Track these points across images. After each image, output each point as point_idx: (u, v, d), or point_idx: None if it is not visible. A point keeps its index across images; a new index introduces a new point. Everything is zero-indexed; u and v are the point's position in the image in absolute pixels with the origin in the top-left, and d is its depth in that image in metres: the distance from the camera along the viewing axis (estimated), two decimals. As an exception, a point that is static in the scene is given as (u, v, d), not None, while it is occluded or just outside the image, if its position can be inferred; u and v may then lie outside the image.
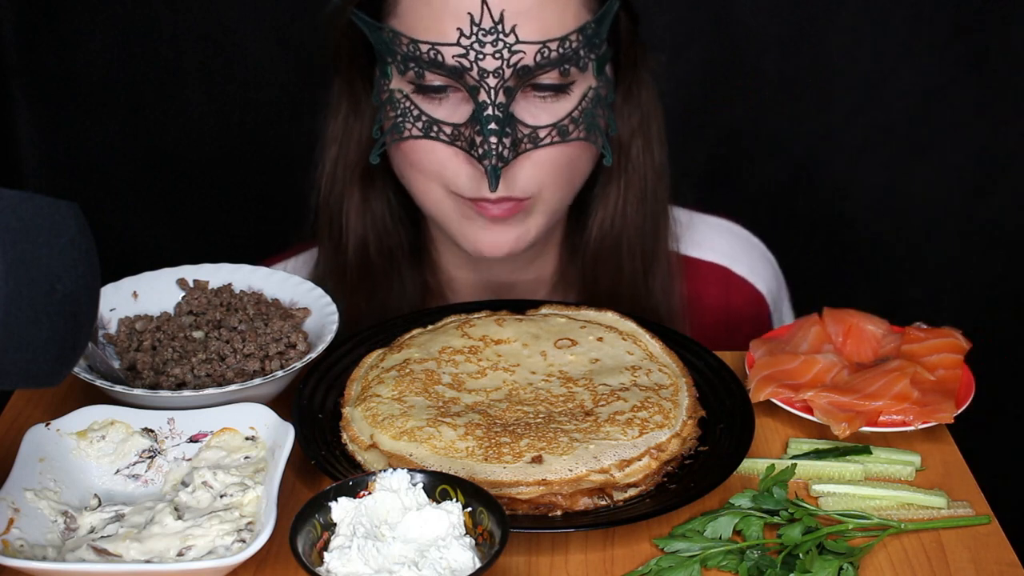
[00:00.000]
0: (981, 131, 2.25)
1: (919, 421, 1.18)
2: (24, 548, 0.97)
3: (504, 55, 1.29)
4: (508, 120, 1.30)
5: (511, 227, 1.38)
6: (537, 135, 1.32)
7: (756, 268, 1.62)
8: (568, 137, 1.34)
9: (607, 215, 1.47)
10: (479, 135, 1.30)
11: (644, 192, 1.47)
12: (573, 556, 1.04)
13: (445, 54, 1.29)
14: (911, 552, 1.05)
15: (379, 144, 1.37)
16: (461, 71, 1.29)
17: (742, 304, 1.60)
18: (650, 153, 1.46)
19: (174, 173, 2.34)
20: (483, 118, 1.29)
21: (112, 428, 1.10)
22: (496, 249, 1.39)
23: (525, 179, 1.35)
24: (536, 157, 1.34)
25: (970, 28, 2.19)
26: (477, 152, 1.30)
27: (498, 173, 1.29)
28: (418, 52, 1.30)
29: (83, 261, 0.91)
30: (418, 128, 1.34)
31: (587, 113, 1.35)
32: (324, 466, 1.09)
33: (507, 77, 1.30)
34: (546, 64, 1.30)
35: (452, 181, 1.35)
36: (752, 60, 2.22)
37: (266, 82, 2.25)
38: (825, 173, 2.30)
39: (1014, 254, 2.32)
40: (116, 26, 2.22)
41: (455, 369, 1.21)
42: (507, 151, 1.30)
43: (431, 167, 1.36)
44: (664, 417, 1.14)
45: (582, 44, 1.31)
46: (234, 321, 1.25)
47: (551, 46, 1.30)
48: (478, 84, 1.30)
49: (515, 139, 1.31)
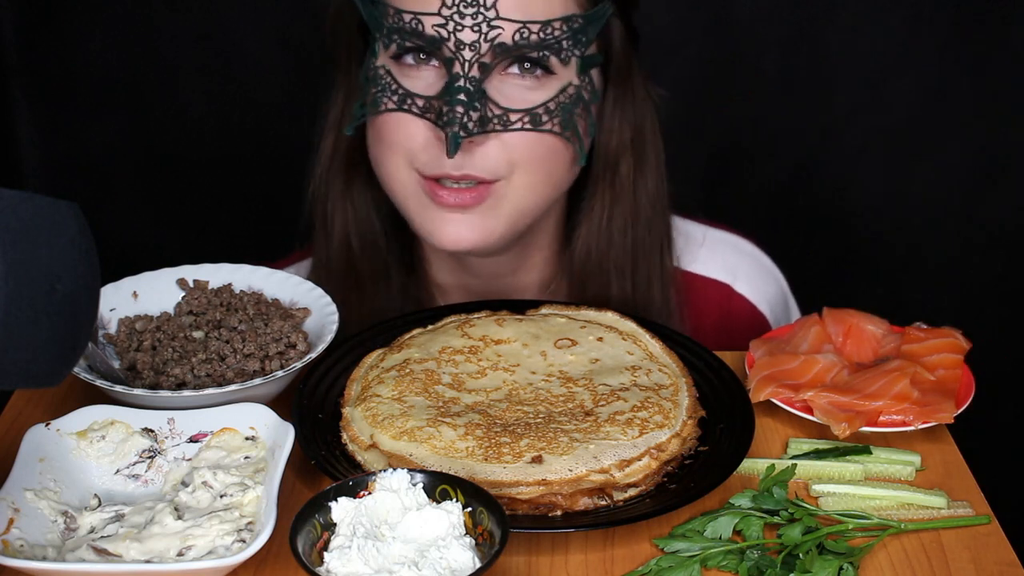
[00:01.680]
0: (981, 131, 2.25)
1: (919, 421, 1.18)
2: (24, 548, 0.97)
3: (482, 28, 1.29)
4: (479, 95, 1.30)
5: (475, 220, 1.36)
6: (508, 118, 1.32)
7: (758, 285, 1.60)
8: (540, 126, 1.33)
9: (591, 228, 1.45)
10: (447, 105, 1.29)
11: (634, 213, 1.45)
12: (573, 556, 1.04)
13: (425, 23, 1.30)
14: (911, 552, 1.05)
15: (356, 117, 1.37)
16: (439, 41, 1.30)
17: (741, 323, 1.58)
18: (643, 177, 1.45)
19: (174, 173, 2.34)
20: (453, 88, 1.29)
21: (112, 428, 1.10)
22: (457, 242, 1.36)
23: (492, 159, 1.33)
24: (506, 139, 1.33)
25: (970, 28, 2.19)
26: (442, 121, 1.30)
27: (458, 141, 1.28)
28: (401, 22, 1.31)
29: (83, 261, 0.91)
30: (393, 102, 1.34)
31: (563, 108, 1.34)
32: (324, 466, 1.09)
33: (483, 52, 1.30)
34: (524, 45, 1.30)
35: (417, 157, 1.34)
36: (752, 60, 2.22)
37: (266, 82, 2.25)
38: (825, 173, 2.30)
39: (1014, 254, 2.32)
40: (116, 26, 2.22)
41: (455, 369, 1.21)
42: (472, 124, 1.29)
43: (399, 141, 1.35)
44: (664, 417, 1.14)
45: (566, 35, 1.31)
46: (234, 321, 1.25)
47: (532, 27, 1.29)
48: (454, 56, 1.30)
49: (484, 116, 1.30)
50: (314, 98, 1.50)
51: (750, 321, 1.58)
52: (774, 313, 1.61)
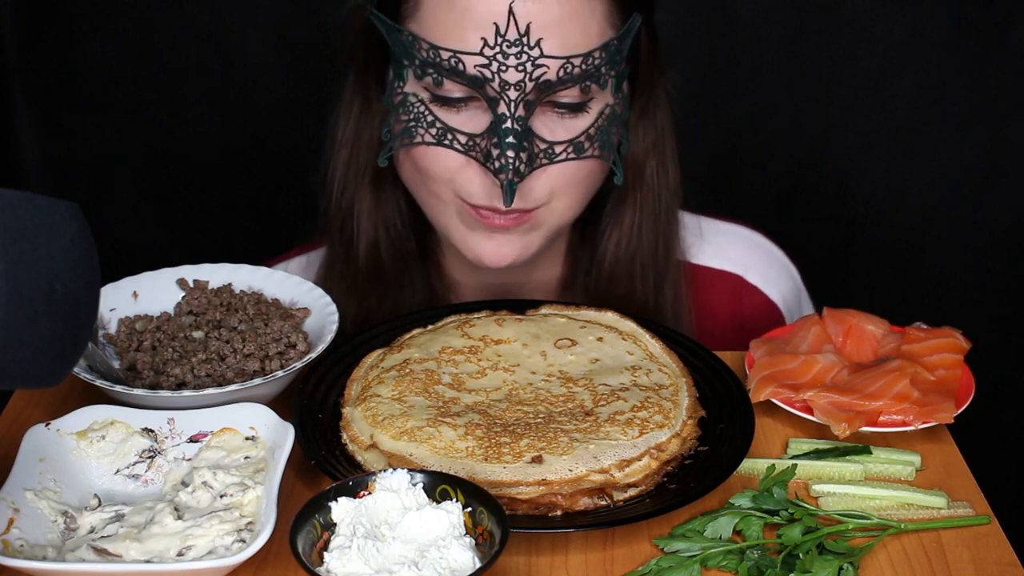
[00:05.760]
0: (981, 131, 2.25)
1: (919, 421, 1.18)
2: (24, 548, 0.97)
3: (527, 68, 1.26)
4: (526, 134, 1.28)
5: (515, 238, 1.36)
6: (553, 150, 1.31)
7: (770, 276, 1.59)
8: (583, 154, 1.32)
9: (623, 235, 1.45)
10: (496, 147, 1.28)
11: (658, 212, 1.45)
12: (573, 556, 1.04)
13: (467, 63, 1.27)
14: (911, 552, 1.05)
15: (387, 147, 1.35)
16: (482, 81, 1.27)
17: (754, 313, 1.57)
18: (664, 173, 1.44)
19: (174, 173, 2.34)
20: (501, 131, 1.27)
21: (112, 428, 1.10)
22: (499, 259, 1.37)
23: (537, 191, 1.33)
24: (550, 171, 1.33)
25: (970, 28, 2.19)
26: (493, 165, 1.28)
27: (514, 188, 1.28)
28: (438, 59, 1.28)
29: (83, 261, 0.91)
30: (431, 135, 1.32)
31: (602, 131, 1.33)
32: (324, 466, 1.09)
33: (528, 91, 1.27)
34: (568, 80, 1.28)
35: (463, 188, 1.34)
36: (752, 60, 2.22)
37: (266, 82, 2.25)
38: (825, 173, 2.30)
39: (1014, 254, 2.32)
40: (116, 26, 2.22)
41: (455, 369, 1.21)
42: (523, 166, 1.28)
43: (442, 174, 1.34)
44: (664, 417, 1.14)
45: (604, 61, 1.30)
46: (234, 321, 1.25)
47: (574, 62, 1.28)
48: (498, 96, 1.27)
49: (531, 154, 1.29)
50: (314, 98, 1.50)
51: (763, 312, 1.57)
52: (787, 303, 1.60)
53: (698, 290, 1.54)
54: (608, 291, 1.47)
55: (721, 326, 1.55)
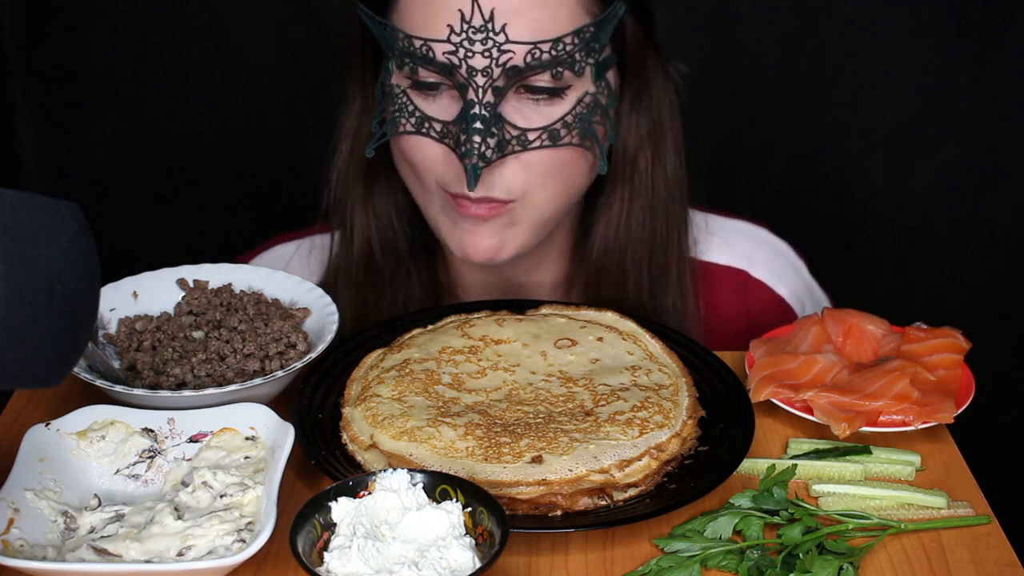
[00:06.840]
0: (981, 131, 2.25)
1: (919, 421, 1.18)
2: (24, 548, 0.97)
3: (493, 54, 1.28)
4: (495, 120, 1.29)
5: (495, 231, 1.36)
6: (526, 137, 1.31)
7: (777, 271, 1.58)
8: (559, 142, 1.32)
9: (610, 226, 1.45)
10: (464, 133, 1.29)
11: (652, 204, 1.44)
12: (573, 556, 1.04)
13: (436, 50, 1.29)
14: (911, 552, 1.05)
15: (376, 137, 1.37)
16: (451, 68, 1.29)
17: (762, 309, 1.56)
18: (661, 164, 1.43)
19: (174, 173, 2.34)
20: (469, 116, 1.29)
21: (112, 428, 1.10)
22: (480, 252, 1.37)
23: (510, 180, 1.33)
24: (524, 159, 1.32)
25: (970, 28, 2.19)
26: (461, 150, 1.29)
27: (478, 172, 1.28)
28: (412, 48, 1.30)
29: (83, 261, 0.91)
30: (411, 124, 1.33)
31: (581, 118, 1.33)
32: (324, 466, 1.09)
33: (496, 76, 1.28)
34: (537, 66, 1.29)
35: (442, 177, 1.35)
36: (752, 60, 2.22)
37: (266, 82, 2.25)
38: (825, 173, 2.30)
39: (1014, 254, 2.32)
40: (116, 26, 2.22)
41: (455, 369, 1.21)
42: (490, 151, 1.28)
43: (423, 163, 1.35)
44: (664, 417, 1.14)
45: (578, 47, 1.30)
46: (234, 321, 1.25)
47: (543, 47, 1.28)
48: (467, 82, 1.29)
49: (501, 140, 1.29)
50: (314, 98, 1.50)
51: (770, 307, 1.57)
52: (796, 297, 1.59)
53: (701, 286, 1.54)
54: (598, 284, 1.47)
55: (728, 322, 1.55)
